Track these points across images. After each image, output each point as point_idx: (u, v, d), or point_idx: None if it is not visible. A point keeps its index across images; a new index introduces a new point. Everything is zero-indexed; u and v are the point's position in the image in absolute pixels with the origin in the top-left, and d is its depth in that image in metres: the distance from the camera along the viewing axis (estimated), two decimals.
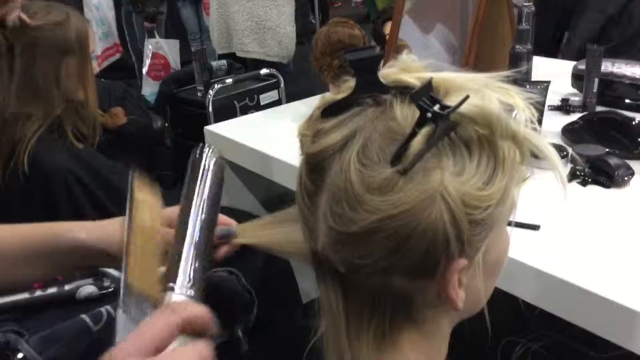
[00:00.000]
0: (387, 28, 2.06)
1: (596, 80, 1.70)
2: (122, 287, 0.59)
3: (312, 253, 0.55)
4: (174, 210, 0.70)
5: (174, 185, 2.69)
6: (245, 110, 2.62)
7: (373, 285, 0.52)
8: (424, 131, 0.46)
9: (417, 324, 0.55)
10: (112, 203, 1.49)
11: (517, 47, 1.68)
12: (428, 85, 0.47)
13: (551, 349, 1.61)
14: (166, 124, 2.72)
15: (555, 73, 1.90)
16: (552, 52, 2.47)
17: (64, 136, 1.50)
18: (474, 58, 1.69)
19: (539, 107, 1.50)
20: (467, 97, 0.46)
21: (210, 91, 2.51)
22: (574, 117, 1.65)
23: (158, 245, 0.67)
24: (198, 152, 0.71)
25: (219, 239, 0.72)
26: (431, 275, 0.50)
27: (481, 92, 0.49)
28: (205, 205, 0.67)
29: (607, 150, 1.39)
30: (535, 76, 1.75)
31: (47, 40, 1.44)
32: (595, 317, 0.97)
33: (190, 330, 0.46)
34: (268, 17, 2.81)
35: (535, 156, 0.51)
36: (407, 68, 0.52)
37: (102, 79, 2.92)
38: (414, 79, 0.50)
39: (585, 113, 1.69)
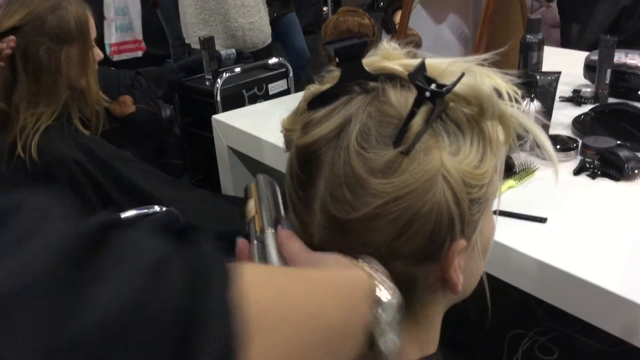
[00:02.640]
0: (398, 17, 2.05)
1: (609, 71, 1.68)
2: None
3: None
4: None
5: (183, 174, 2.70)
6: (253, 100, 2.60)
7: None
8: (423, 110, 0.47)
9: (415, 314, 0.54)
10: (117, 191, 1.49)
11: (528, 36, 1.66)
12: (422, 67, 0.48)
13: (558, 343, 1.60)
14: (175, 113, 2.72)
15: (567, 64, 1.87)
16: None
17: (71, 123, 1.49)
18: (485, 48, 1.67)
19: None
20: (463, 74, 0.47)
21: (219, 80, 2.50)
22: (585, 108, 1.63)
23: None
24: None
25: None
26: (435, 257, 0.50)
27: (472, 72, 0.49)
28: None
29: (617, 142, 1.37)
30: (547, 66, 1.72)
31: (43, 29, 1.42)
32: (600, 311, 0.96)
33: None
34: (217, 11, 2.85)
35: (520, 137, 0.53)
36: (388, 56, 0.53)
37: (112, 67, 2.93)
38: (397, 65, 0.51)
39: (596, 105, 1.66)
